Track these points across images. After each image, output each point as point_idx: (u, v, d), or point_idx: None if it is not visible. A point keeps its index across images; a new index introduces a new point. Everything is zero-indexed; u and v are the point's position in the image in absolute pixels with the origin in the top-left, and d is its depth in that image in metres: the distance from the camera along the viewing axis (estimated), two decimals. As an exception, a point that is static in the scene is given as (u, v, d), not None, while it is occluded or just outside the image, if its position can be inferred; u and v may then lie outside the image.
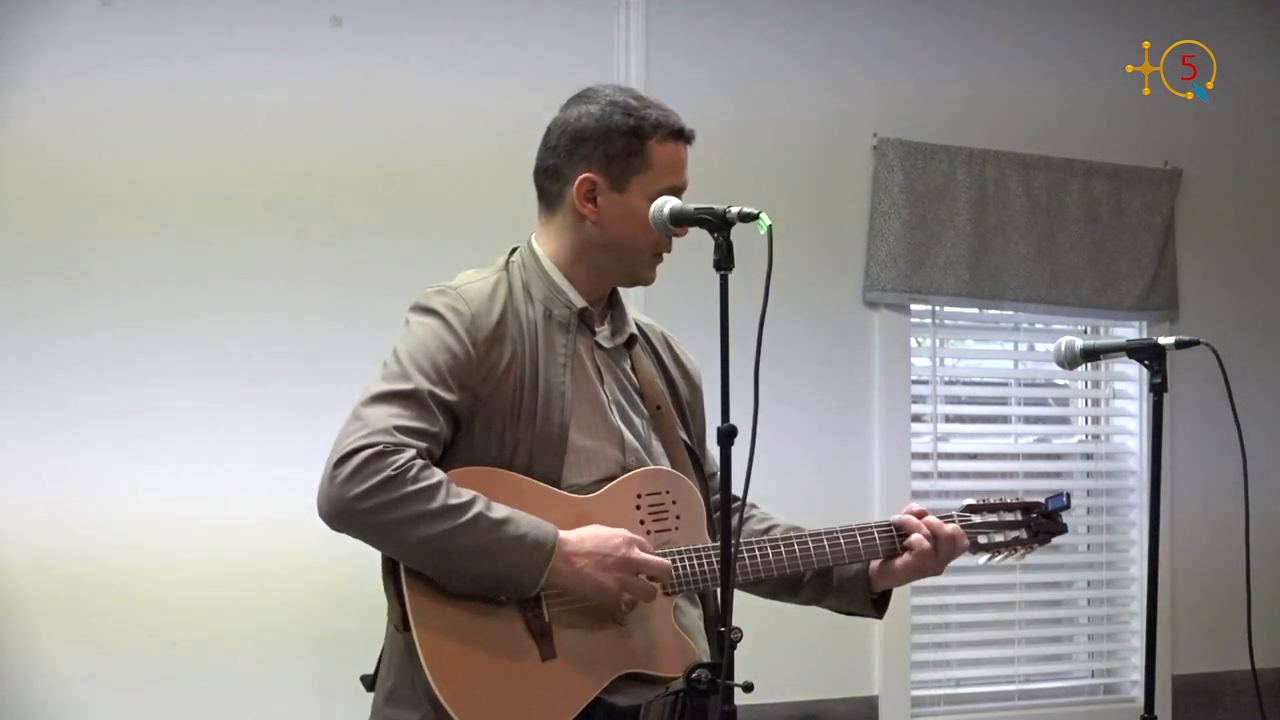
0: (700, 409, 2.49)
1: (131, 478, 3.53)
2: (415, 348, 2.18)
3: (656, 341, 2.46)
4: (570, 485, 2.22)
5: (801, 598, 2.48)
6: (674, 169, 2.30)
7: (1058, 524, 2.57)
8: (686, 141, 2.33)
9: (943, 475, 4.53)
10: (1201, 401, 3.58)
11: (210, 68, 3.66)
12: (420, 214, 3.83)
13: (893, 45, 4.45)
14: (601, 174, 2.27)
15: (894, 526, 2.41)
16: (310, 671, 3.61)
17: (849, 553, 2.38)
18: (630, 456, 2.28)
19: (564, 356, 2.25)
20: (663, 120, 2.30)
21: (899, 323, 4.45)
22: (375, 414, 2.12)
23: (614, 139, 2.27)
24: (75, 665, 3.48)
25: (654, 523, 2.25)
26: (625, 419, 2.31)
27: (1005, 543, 2.52)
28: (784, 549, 2.33)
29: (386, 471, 2.07)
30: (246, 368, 3.64)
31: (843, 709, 4.31)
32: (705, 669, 2.08)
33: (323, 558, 3.60)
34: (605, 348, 2.34)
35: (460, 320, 2.20)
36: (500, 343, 2.21)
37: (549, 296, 2.29)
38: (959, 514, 2.49)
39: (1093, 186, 4.66)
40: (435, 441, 2.15)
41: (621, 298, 2.41)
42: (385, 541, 2.12)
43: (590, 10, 4.06)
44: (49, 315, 3.50)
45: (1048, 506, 2.56)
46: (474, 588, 2.11)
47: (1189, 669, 4.70)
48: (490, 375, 2.19)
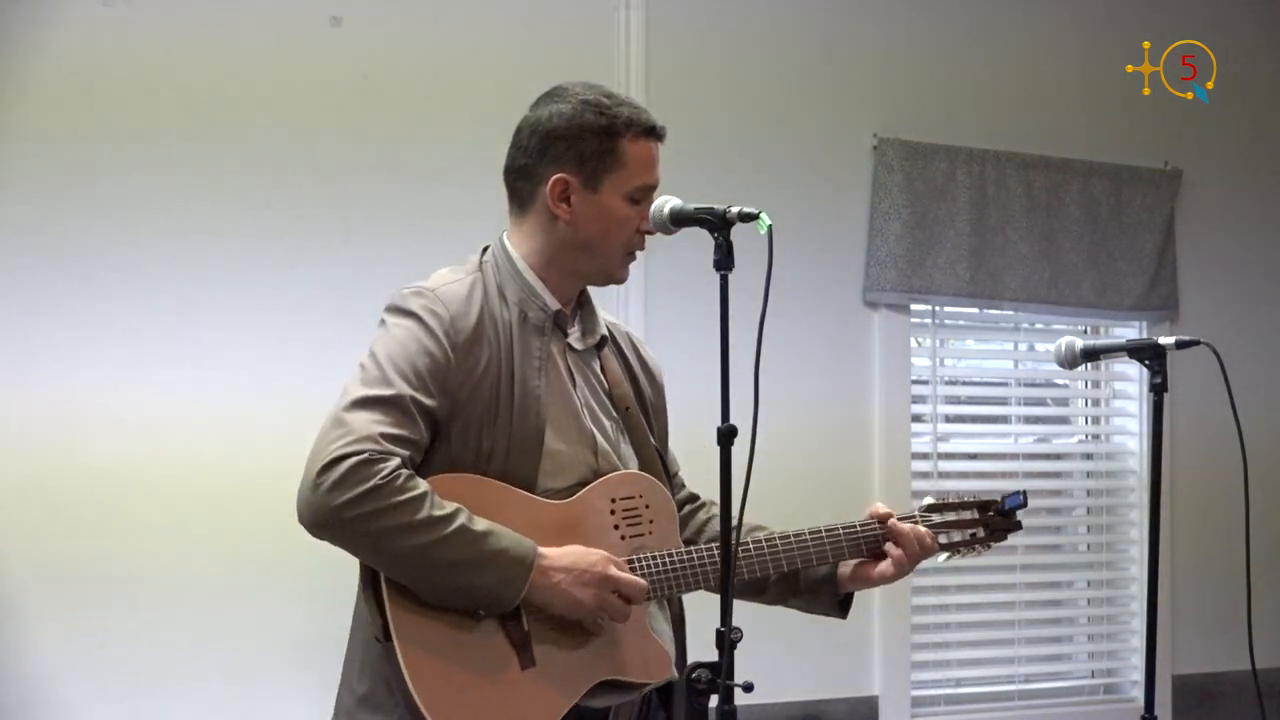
0: (663, 408, 2.49)
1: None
2: (395, 350, 2.16)
3: (623, 342, 2.45)
4: (545, 490, 2.21)
5: (766, 598, 2.48)
6: (646, 167, 2.29)
7: (1012, 522, 2.56)
8: (658, 139, 2.31)
9: (943, 475, 4.53)
10: (1201, 401, 3.57)
11: (210, 68, 3.67)
12: (420, 212, 3.83)
13: (893, 45, 4.45)
14: (574, 173, 2.26)
15: (878, 527, 2.40)
16: (310, 671, 3.60)
17: (816, 555, 2.37)
18: (603, 460, 2.27)
19: (538, 360, 2.24)
20: (635, 118, 2.28)
21: (899, 323, 4.45)
22: (358, 420, 2.09)
23: (586, 138, 2.25)
24: (74, 663, 3.48)
25: (629, 527, 2.25)
26: (596, 422, 2.30)
27: (962, 541, 2.52)
28: (754, 551, 2.32)
29: (373, 480, 2.05)
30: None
31: (843, 709, 4.31)
32: (705, 669, 2.08)
33: (323, 556, 3.61)
34: (576, 349, 2.33)
35: (439, 323, 2.18)
36: (478, 345, 2.19)
37: (524, 299, 2.27)
38: (920, 514, 2.49)
39: (1093, 186, 4.66)
40: (417, 449, 2.14)
41: (591, 297, 2.40)
42: (367, 551, 2.11)
43: (590, 10, 4.06)
44: (49, 312, 3.51)
45: (1004, 505, 2.55)
46: (454, 600, 2.11)
47: (1189, 669, 4.69)
48: (468, 379, 2.17)
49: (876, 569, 2.41)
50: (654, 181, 2.30)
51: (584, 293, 2.38)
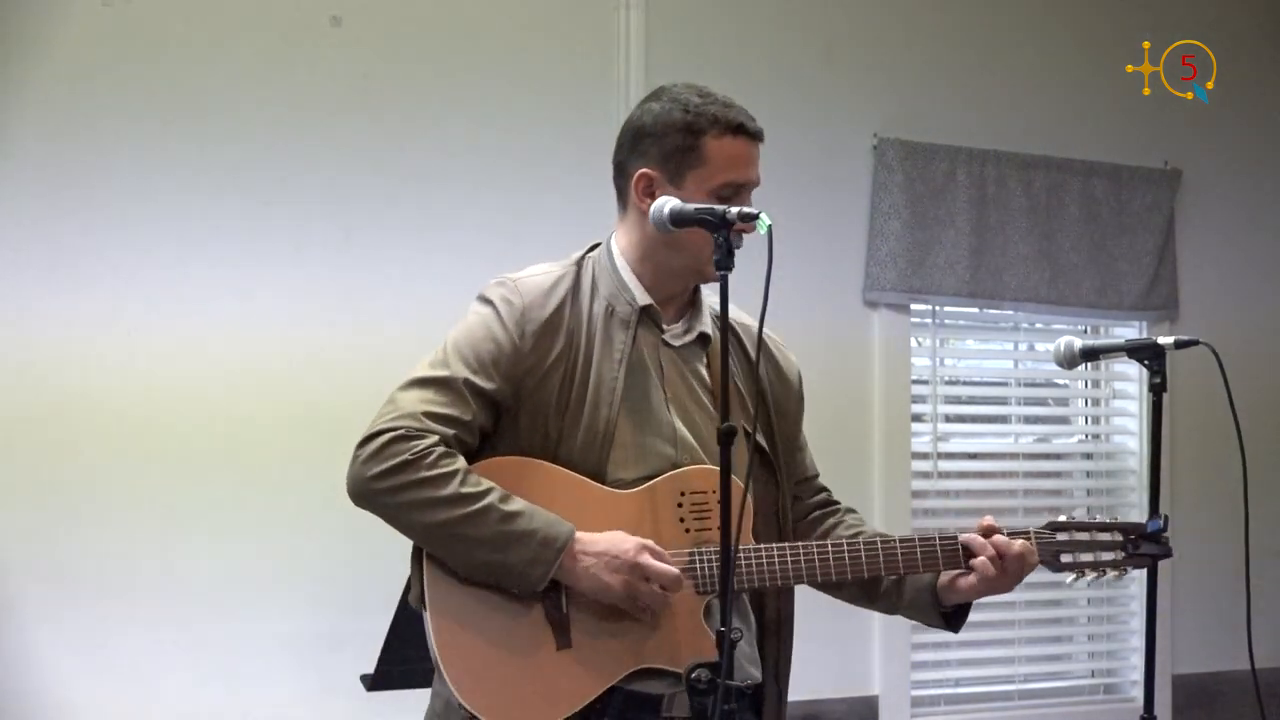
0: (793, 409, 2.47)
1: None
2: (462, 336, 2.22)
3: (748, 341, 2.40)
4: (615, 480, 2.22)
5: (880, 605, 2.47)
6: (732, 164, 2.27)
7: (1163, 547, 2.52)
8: (751, 137, 2.30)
9: (943, 475, 4.53)
10: (1201, 401, 3.56)
11: (210, 68, 3.67)
12: (420, 213, 3.83)
13: (893, 45, 4.46)
14: (659, 169, 2.27)
15: (959, 542, 2.36)
16: (310, 671, 3.61)
17: (905, 563, 2.33)
18: (683, 454, 2.27)
19: (621, 352, 2.25)
20: (720, 116, 2.28)
21: (899, 323, 4.45)
22: (407, 398, 2.17)
23: (670, 135, 2.26)
24: (74, 660, 3.49)
25: (694, 520, 2.24)
26: (685, 417, 2.29)
27: (1094, 563, 2.46)
28: (815, 553, 2.28)
29: (404, 455, 2.11)
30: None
31: (843, 709, 4.31)
32: (705, 669, 2.08)
33: (323, 556, 3.62)
34: (673, 345, 2.33)
35: (510, 311, 2.22)
36: (552, 335, 2.22)
37: (613, 293, 2.29)
38: (1037, 531, 2.43)
39: (1093, 186, 4.66)
40: (466, 429, 2.17)
41: (701, 297, 2.39)
42: (399, 523, 2.16)
43: (590, 10, 4.07)
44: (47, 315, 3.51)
45: (1147, 529, 2.51)
46: (483, 575, 2.14)
47: (1189, 669, 4.69)
48: (537, 367, 2.21)
49: (964, 581, 2.37)
50: (744, 179, 2.29)
51: (696, 291, 2.37)
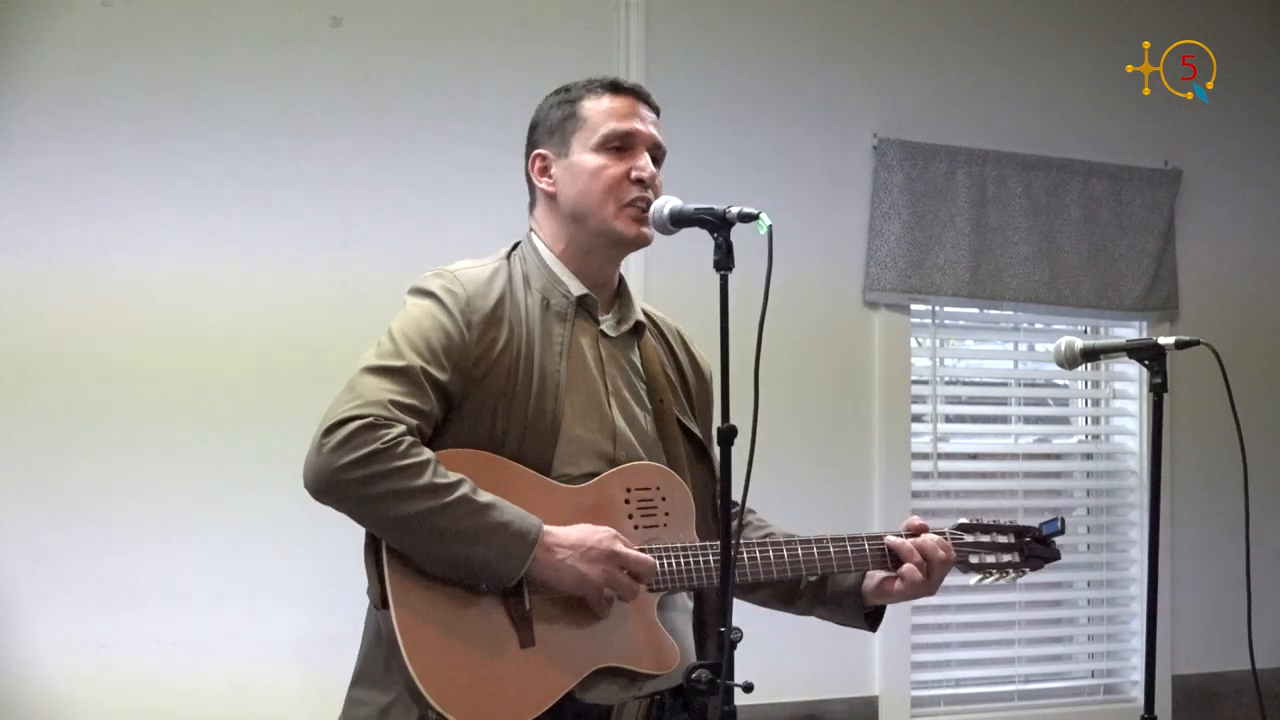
0: (708, 408, 2.48)
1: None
2: (409, 326, 2.19)
3: (670, 336, 2.45)
4: (561, 475, 2.21)
5: (795, 607, 2.47)
6: (609, 115, 2.31)
7: (1051, 550, 2.54)
8: (627, 93, 2.35)
9: (943, 475, 4.53)
10: (1201, 401, 3.57)
11: (210, 68, 3.67)
12: (420, 211, 3.83)
13: (893, 45, 4.46)
14: (548, 148, 2.34)
15: (886, 546, 2.39)
16: (310, 671, 3.61)
17: (838, 562, 2.36)
18: (621, 450, 2.27)
19: (560, 345, 2.25)
20: (592, 80, 2.35)
21: (899, 323, 4.45)
22: (369, 386, 2.11)
23: (552, 113, 2.35)
24: (74, 661, 3.49)
25: (642, 518, 2.25)
26: (625, 410, 2.30)
27: (996, 564, 2.50)
28: (772, 553, 2.31)
29: (375, 444, 2.05)
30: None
31: (843, 709, 4.31)
32: (705, 669, 2.07)
33: (324, 556, 3.62)
34: (610, 336, 2.34)
35: (455, 301, 2.20)
36: (496, 325, 2.21)
37: (547, 286, 2.30)
38: (951, 532, 2.47)
39: (1093, 186, 4.66)
40: (426, 420, 2.14)
41: (628, 288, 2.41)
42: (366, 515, 2.10)
43: (590, 10, 4.07)
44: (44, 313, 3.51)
45: (1041, 531, 2.54)
46: (453, 571, 2.10)
47: (1189, 669, 4.70)
48: (484, 357, 2.19)
49: (893, 586, 2.39)
50: (627, 128, 2.31)
51: (623, 282, 2.40)
